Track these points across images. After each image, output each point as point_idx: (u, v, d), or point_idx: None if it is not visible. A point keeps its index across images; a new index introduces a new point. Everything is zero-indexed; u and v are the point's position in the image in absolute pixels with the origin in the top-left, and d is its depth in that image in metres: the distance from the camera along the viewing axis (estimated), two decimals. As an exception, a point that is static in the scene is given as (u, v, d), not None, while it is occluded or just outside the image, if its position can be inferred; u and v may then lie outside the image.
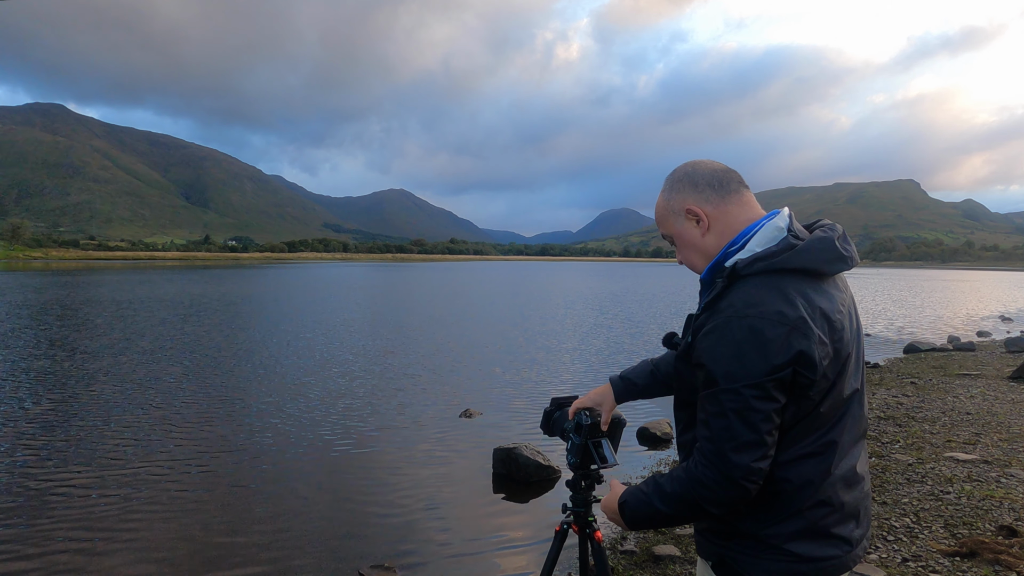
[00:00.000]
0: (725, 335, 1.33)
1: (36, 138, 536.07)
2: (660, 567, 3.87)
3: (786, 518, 1.39)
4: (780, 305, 1.31)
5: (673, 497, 1.42)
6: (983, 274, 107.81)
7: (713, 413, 1.34)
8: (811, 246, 1.39)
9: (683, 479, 1.40)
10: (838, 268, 1.42)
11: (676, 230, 1.55)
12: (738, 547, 1.44)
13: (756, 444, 1.31)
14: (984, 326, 20.14)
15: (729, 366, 1.32)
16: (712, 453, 1.34)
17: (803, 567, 1.39)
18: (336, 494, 5.39)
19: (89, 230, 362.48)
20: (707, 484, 1.35)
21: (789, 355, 1.29)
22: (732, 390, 1.31)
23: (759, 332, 1.30)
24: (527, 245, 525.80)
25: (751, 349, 1.30)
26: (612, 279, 57.50)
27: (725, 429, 1.32)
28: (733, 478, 1.32)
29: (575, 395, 2.12)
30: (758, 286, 1.35)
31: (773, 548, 1.39)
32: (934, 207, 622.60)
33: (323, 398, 8.79)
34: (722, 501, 1.35)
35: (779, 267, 1.36)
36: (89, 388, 9.07)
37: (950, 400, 8.22)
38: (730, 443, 1.32)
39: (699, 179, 1.51)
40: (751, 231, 1.45)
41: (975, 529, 4.11)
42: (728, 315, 1.34)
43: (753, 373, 1.30)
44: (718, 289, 1.40)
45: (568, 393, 2.19)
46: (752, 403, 1.30)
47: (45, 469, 5.77)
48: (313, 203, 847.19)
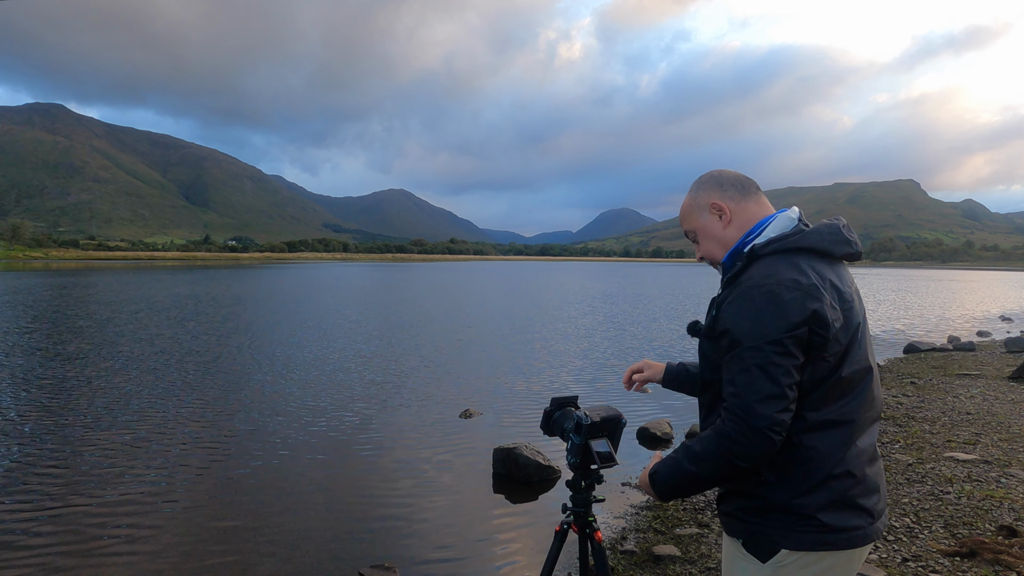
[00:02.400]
0: (746, 301, 1.50)
1: (36, 138, 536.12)
2: (660, 567, 3.86)
3: (815, 486, 1.49)
4: (794, 274, 1.49)
5: (703, 456, 1.52)
6: (983, 274, 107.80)
7: (738, 370, 1.47)
8: (820, 229, 1.59)
9: (712, 437, 1.51)
10: (843, 250, 1.60)
11: (700, 223, 1.74)
12: (771, 521, 1.53)
13: (779, 396, 1.44)
14: (984, 326, 20.14)
15: (751, 327, 1.47)
16: (739, 407, 1.46)
17: (831, 537, 1.49)
18: (336, 494, 5.39)
19: (89, 230, 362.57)
20: (735, 438, 1.45)
21: (804, 314, 1.45)
22: (755, 347, 1.45)
23: (777, 296, 1.46)
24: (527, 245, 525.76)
25: (770, 311, 1.46)
26: (612, 279, 57.48)
27: (749, 384, 1.45)
28: (759, 428, 1.43)
29: (575, 395, 2.12)
30: (774, 261, 1.54)
31: (805, 518, 1.49)
32: (934, 207, 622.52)
33: (322, 398, 8.78)
34: (750, 454, 1.45)
35: (792, 246, 1.55)
36: (88, 388, 9.07)
37: (950, 400, 8.22)
38: (755, 396, 1.44)
39: (724, 180, 1.72)
40: (767, 222, 1.65)
41: (975, 529, 4.11)
42: (748, 285, 1.52)
43: (772, 331, 1.45)
44: (738, 268, 1.59)
45: (568, 393, 2.19)
46: (773, 359, 1.44)
47: (44, 469, 5.77)
48: (313, 203, 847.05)
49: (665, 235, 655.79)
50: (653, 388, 9.82)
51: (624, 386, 2.15)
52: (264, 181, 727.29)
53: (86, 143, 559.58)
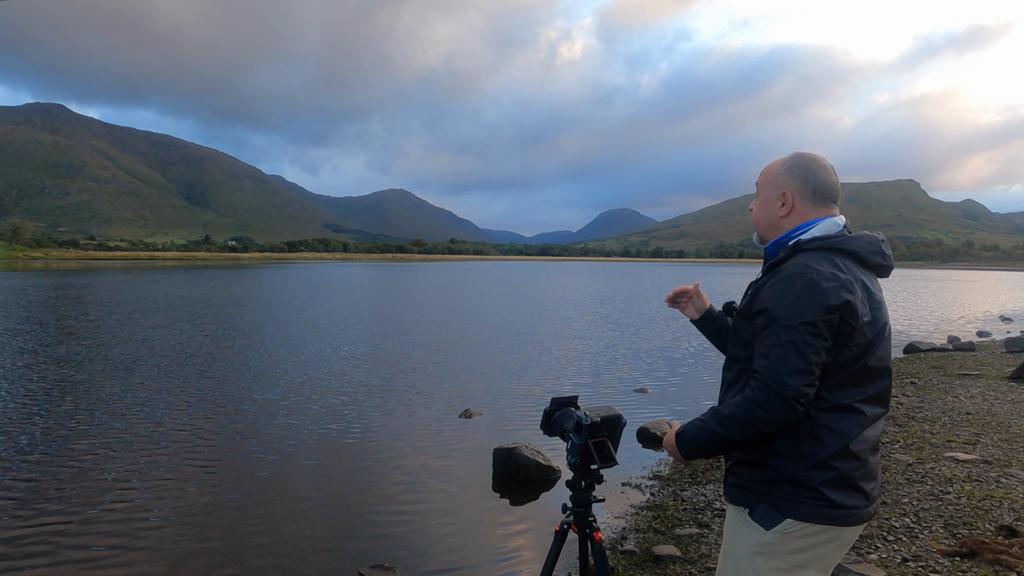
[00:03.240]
0: (787, 285, 1.65)
1: (36, 138, 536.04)
2: (660, 567, 3.86)
3: (823, 462, 1.63)
4: (832, 269, 1.65)
5: (731, 419, 1.65)
6: (983, 274, 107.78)
7: (772, 345, 1.62)
8: (861, 238, 1.75)
9: (740, 403, 1.64)
10: (877, 261, 1.77)
11: (766, 195, 1.87)
12: (779, 491, 1.67)
13: (806, 372, 1.58)
14: (984, 326, 20.14)
15: (789, 308, 1.62)
16: (769, 378, 1.59)
17: (834, 512, 1.63)
18: (336, 494, 5.39)
19: (89, 230, 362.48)
20: (763, 404, 1.59)
21: (838, 302, 1.60)
22: (790, 326, 1.60)
23: (815, 283, 1.62)
24: (527, 245, 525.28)
25: (808, 295, 1.61)
26: (612, 279, 57.48)
27: (782, 357, 1.59)
28: (785, 398, 1.57)
29: (575, 395, 2.12)
30: (815, 256, 1.69)
31: (811, 491, 1.63)
32: (934, 207, 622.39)
33: (322, 398, 8.78)
34: (775, 420, 1.59)
35: (833, 246, 1.71)
36: (88, 389, 9.07)
37: (950, 400, 8.22)
38: (785, 368, 1.58)
39: (811, 179, 1.81)
40: (815, 222, 1.78)
41: (975, 529, 4.10)
42: (789, 272, 1.67)
43: (808, 313, 1.60)
44: (780, 257, 1.74)
45: (568, 393, 2.20)
46: (806, 337, 1.59)
47: (44, 469, 5.77)
48: (313, 203, 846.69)
49: (665, 235, 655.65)
50: (653, 388, 9.82)
51: (667, 300, 2.31)
52: (264, 181, 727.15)
53: (86, 143, 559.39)
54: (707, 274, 74.60)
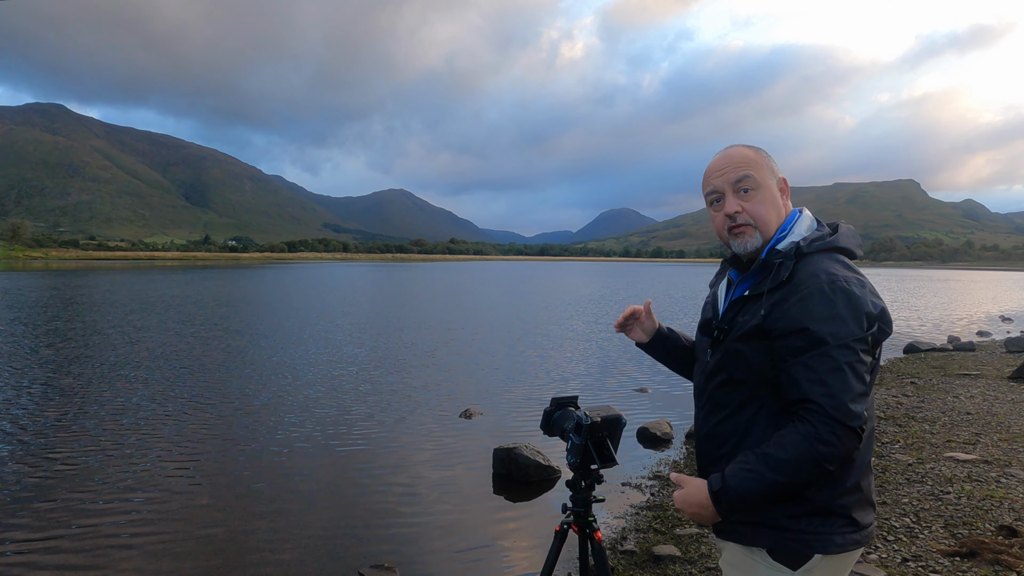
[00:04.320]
0: (824, 299, 1.44)
1: (36, 138, 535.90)
2: (660, 567, 3.86)
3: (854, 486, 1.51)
4: (853, 272, 1.50)
5: (792, 463, 1.42)
6: (983, 274, 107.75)
7: (828, 369, 1.41)
8: (847, 232, 1.62)
9: (800, 442, 1.41)
10: (860, 254, 1.63)
11: (767, 183, 1.64)
12: (808, 525, 1.49)
13: (866, 395, 1.44)
14: (984, 326, 20.13)
15: (836, 326, 1.42)
16: (833, 407, 1.39)
17: (859, 535, 1.51)
18: (336, 494, 5.39)
19: (89, 230, 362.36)
20: (829, 439, 1.39)
21: (876, 311, 1.46)
22: (844, 346, 1.42)
23: (851, 293, 1.44)
24: (527, 245, 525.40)
25: (850, 309, 1.43)
26: (612, 279, 57.47)
27: (843, 382, 1.40)
28: (854, 428, 1.40)
29: (575, 395, 2.12)
30: (826, 259, 1.52)
31: (843, 518, 1.49)
32: (934, 207, 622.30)
33: (322, 398, 8.78)
34: (842, 455, 1.42)
35: (831, 246, 1.56)
36: (86, 390, 9.07)
37: (950, 400, 8.22)
38: (849, 394, 1.40)
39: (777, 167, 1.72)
40: (792, 221, 1.65)
41: (975, 529, 4.11)
42: (815, 284, 1.46)
43: (856, 329, 1.43)
44: (788, 267, 1.52)
45: (568, 393, 2.19)
46: (861, 356, 1.43)
47: (44, 470, 5.77)
48: (313, 203, 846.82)
49: (665, 235, 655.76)
50: (654, 388, 9.81)
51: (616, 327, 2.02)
52: (264, 181, 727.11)
53: (86, 143, 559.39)
54: (707, 274, 74.51)
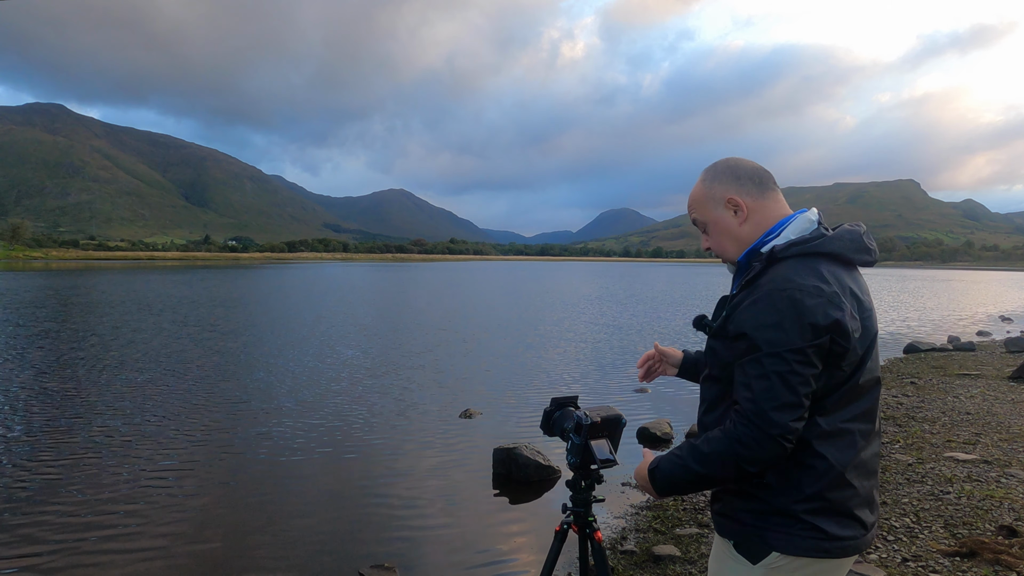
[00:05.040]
0: (768, 306, 1.45)
1: (36, 138, 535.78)
2: (660, 567, 3.86)
3: (816, 494, 1.48)
4: (816, 281, 1.45)
5: (711, 456, 1.49)
6: (983, 274, 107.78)
7: (756, 376, 1.44)
8: (841, 235, 1.54)
9: (722, 439, 1.47)
10: (862, 258, 1.57)
11: (713, 216, 1.65)
12: (768, 523, 1.51)
13: (795, 405, 1.41)
14: (984, 326, 20.13)
15: (773, 333, 1.43)
16: (753, 413, 1.42)
17: (828, 544, 1.48)
18: (336, 494, 5.39)
19: (89, 230, 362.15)
20: (746, 442, 1.43)
21: (827, 322, 1.41)
22: (775, 354, 1.42)
23: (799, 302, 1.42)
24: (527, 245, 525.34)
25: (792, 318, 1.42)
26: (612, 279, 57.48)
27: (767, 390, 1.42)
28: (772, 435, 1.41)
29: (575, 395, 2.12)
30: (794, 266, 1.48)
31: (803, 523, 1.48)
32: (934, 207, 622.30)
33: (322, 399, 8.78)
34: (760, 459, 1.44)
35: (813, 251, 1.50)
36: (89, 390, 9.07)
37: (950, 400, 8.22)
38: (771, 403, 1.41)
39: (741, 173, 1.63)
40: (786, 222, 1.59)
41: (975, 529, 4.11)
42: (769, 289, 1.46)
43: (795, 339, 1.41)
44: (756, 270, 1.52)
45: (568, 393, 2.19)
46: (794, 367, 1.41)
47: (44, 470, 5.77)
48: (313, 203, 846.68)
49: (665, 235, 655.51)
50: (654, 389, 9.81)
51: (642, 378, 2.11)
52: (264, 181, 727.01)
53: (86, 143, 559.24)
54: (707, 274, 74.60)
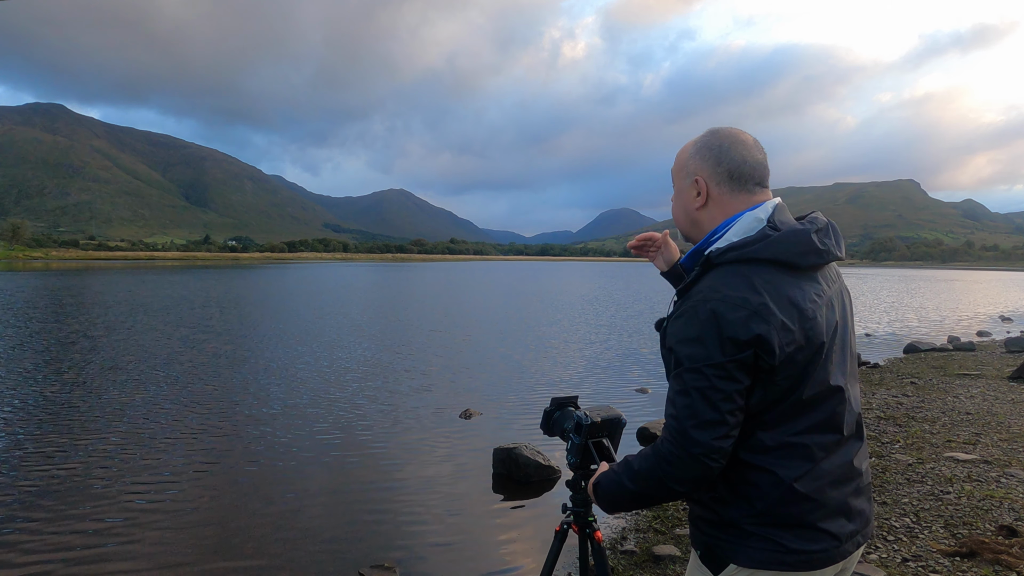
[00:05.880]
0: (691, 319, 1.38)
1: (36, 138, 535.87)
2: (660, 567, 3.87)
3: (767, 509, 1.40)
4: (744, 292, 1.35)
5: (640, 474, 1.46)
6: (983, 274, 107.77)
7: (677, 391, 1.38)
8: (784, 238, 1.41)
9: (650, 456, 1.44)
10: (811, 261, 1.42)
11: (679, 185, 1.60)
12: (724, 535, 1.46)
13: (717, 423, 1.34)
14: (984, 326, 20.14)
15: (692, 348, 1.36)
16: (675, 431, 1.37)
17: (788, 557, 1.39)
18: (336, 494, 5.39)
19: (89, 230, 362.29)
20: (671, 461, 1.38)
21: (747, 337, 1.32)
22: (695, 369, 1.35)
23: (720, 315, 1.34)
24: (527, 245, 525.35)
25: (712, 331, 1.34)
26: (611, 279, 57.48)
27: (687, 407, 1.36)
28: (694, 455, 1.35)
29: (575, 395, 2.12)
30: (727, 274, 1.39)
31: (757, 536, 1.41)
32: (934, 207, 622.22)
33: (322, 398, 8.78)
34: (684, 478, 1.38)
35: (749, 257, 1.39)
36: (89, 390, 9.07)
37: (950, 400, 8.22)
38: (691, 420, 1.35)
39: (725, 160, 1.50)
40: (731, 222, 1.48)
41: (975, 529, 4.11)
42: (695, 300, 1.39)
43: (714, 354, 1.33)
44: (691, 277, 1.45)
45: (568, 393, 2.19)
46: (714, 382, 1.33)
47: (45, 471, 5.77)
48: (313, 203, 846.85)
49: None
50: (654, 389, 9.81)
51: (631, 247, 1.94)
52: (264, 181, 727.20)
53: (86, 143, 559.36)
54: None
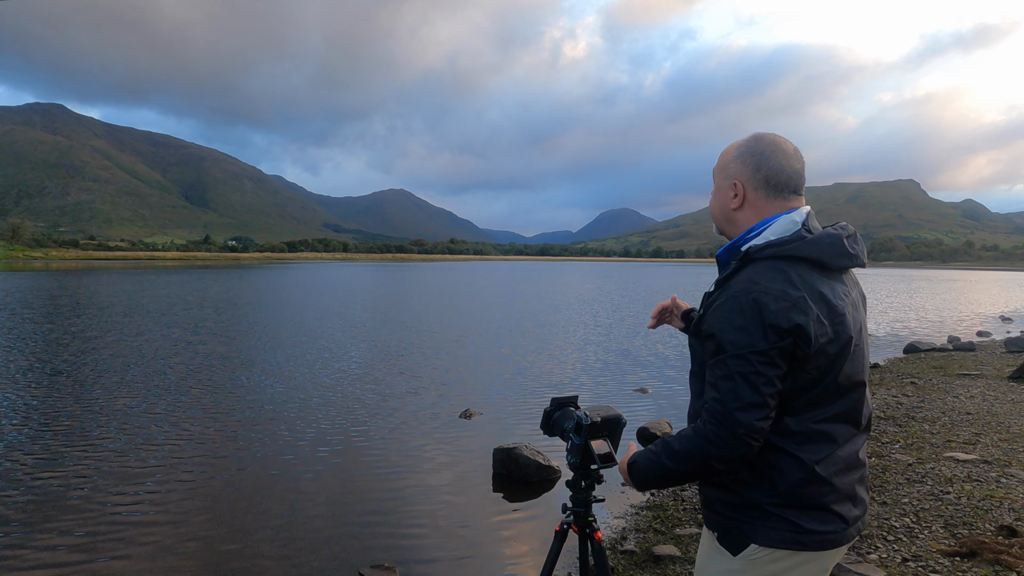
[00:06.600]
0: (734, 308, 1.49)
1: (36, 138, 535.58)
2: (660, 567, 3.87)
3: (788, 491, 1.51)
4: (783, 285, 1.48)
5: (682, 454, 1.55)
6: (983, 274, 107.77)
7: (722, 376, 1.49)
8: (820, 239, 1.54)
9: (692, 437, 1.53)
10: (842, 263, 1.57)
11: (718, 184, 1.71)
12: (745, 516, 1.56)
13: (759, 405, 1.46)
14: (984, 326, 20.14)
15: (737, 335, 1.47)
16: (720, 413, 1.47)
17: (804, 537, 1.51)
18: (336, 494, 5.39)
19: (89, 230, 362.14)
20: (715, 441, 1.48)
21: (789, 326, 1.44)
22: (739, 356, 1.46)
23: (764, 305, 1.46)
24: (527, 245, 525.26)
25: (756, 320, 1.46)
26: (611, 279, 57.48)
27: (732, 391, 1.47)
28: (738, 435, 1.46)
29: (575, 395, 2.12)
30: (766, 268, 1.51)
31: (777, 516, 1.52)
32: (934, 207, 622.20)
33: (323, 398, 8.78)
34: (728, 457, 1.49)
35: (787, 254, 1.52)
36: (90, 391, 9.07)
37: (950, 400, 8.22)
38: (736, 403, 1.46)
39: (764, 167, 1.61)
40: (769, 222, 1.60)
41: (975, 529, 4.11)
42: (736, 291, 1.51)
43: (758, 341, 1.45)
44: (731, 269, 1.57)
45: (568, 393, 2.19)
46: (758, 367, 1.45)
47: (45, 471, 5.77)
48: (313, 203, 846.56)
49: (665, 235, 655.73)
50: (654, 389, 9.81)
51: (651, 326, 2.12)
52: (264, 181, 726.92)
53: (86, 143, 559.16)
54: (707, 274, 74.60)
